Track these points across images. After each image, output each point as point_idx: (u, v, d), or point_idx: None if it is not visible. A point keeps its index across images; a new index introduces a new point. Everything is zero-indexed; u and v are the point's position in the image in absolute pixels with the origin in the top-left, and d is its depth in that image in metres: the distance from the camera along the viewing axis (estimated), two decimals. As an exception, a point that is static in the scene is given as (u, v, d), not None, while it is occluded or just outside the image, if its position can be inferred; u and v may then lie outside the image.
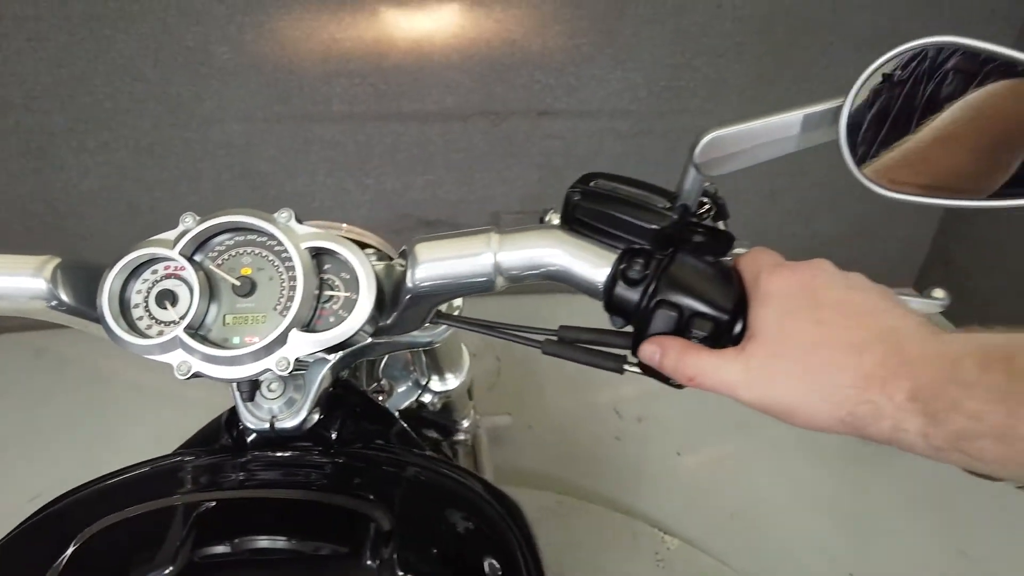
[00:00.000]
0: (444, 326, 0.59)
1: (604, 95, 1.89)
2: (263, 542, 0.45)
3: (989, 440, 0.30)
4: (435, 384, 0.82)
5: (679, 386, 0.44)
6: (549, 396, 1.96)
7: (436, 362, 0.76)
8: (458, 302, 0.60)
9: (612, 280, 0.44)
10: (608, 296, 0.44)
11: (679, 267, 0.42)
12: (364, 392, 0.64)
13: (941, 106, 0.47)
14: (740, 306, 0.40)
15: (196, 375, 0.47)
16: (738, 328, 0.40)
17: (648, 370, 0.44)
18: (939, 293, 0.48)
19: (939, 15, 1.85)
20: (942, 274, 2.30)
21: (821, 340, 0.36)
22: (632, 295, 0.43)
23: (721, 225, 0.50)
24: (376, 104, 1.86)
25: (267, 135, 1.88)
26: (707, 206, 0.49)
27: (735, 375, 0.38)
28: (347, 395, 0.62)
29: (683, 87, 1.89)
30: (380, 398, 0.78)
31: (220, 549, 0.45)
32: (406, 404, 0.80)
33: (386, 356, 0.74)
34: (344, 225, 0.73)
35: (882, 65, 0.40)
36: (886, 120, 0.49)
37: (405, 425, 0.68)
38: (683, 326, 0.41)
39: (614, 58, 1.83)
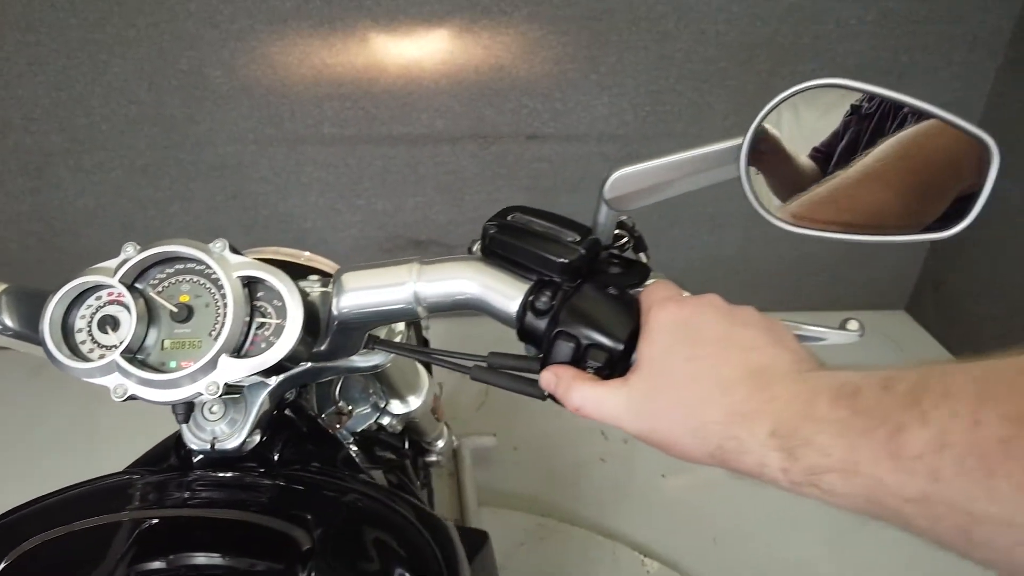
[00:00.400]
0: (386, 352, 0.61)
1: (590, 120, 1.92)
2: (193, 559, 0.47)
3: (836, 474, 0.31)
4: (395, 406, 0.83)
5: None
6: (537, 417, 1.97)
7: (391, 385, 0.77)
8: (400, 327, 0.62)
9: (523, 310, 0.46)
10: (520, 325, 0.46)
11: (581, 299, 0.44)
12: (313, 416, 0.66)
13: (870, 145, 0.49)
14: (635, 338, 0.42)
15: (132, 397, 0.49)
16: (634, 359, 0.42)
17: (555, 398, 0.45)
18: (853, 325, 0.49)
19: (921, 45, 1.88)
20: (933, 298, 2.30)
21: (696, 375, 0.38)
22: (540, 325, 0.44)
23: (643, 257, 0.52)
24: (367, 127, 1.90)
25: (259, 157, 1.92)
26: (625, 239, 0.51)
27: (618, 407, 0.40)
28: (295, 418, 0.64)
29: (668, 111, 1.92)
30: (341, 420, 0.79)
31: (148, 566, 0.46)
32: (365, 426, 0.81)
33: (341, 380, 0.76)
34: (306, 253, 0.76)
35: (773, 108, 0.42)
36: (814, 159, 0.50)
37: (353, 450, 0.69)
38: (580, 356, 0.42)
39: (599, 84, 1.86)
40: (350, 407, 0.81)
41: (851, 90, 0.41)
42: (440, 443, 1.21)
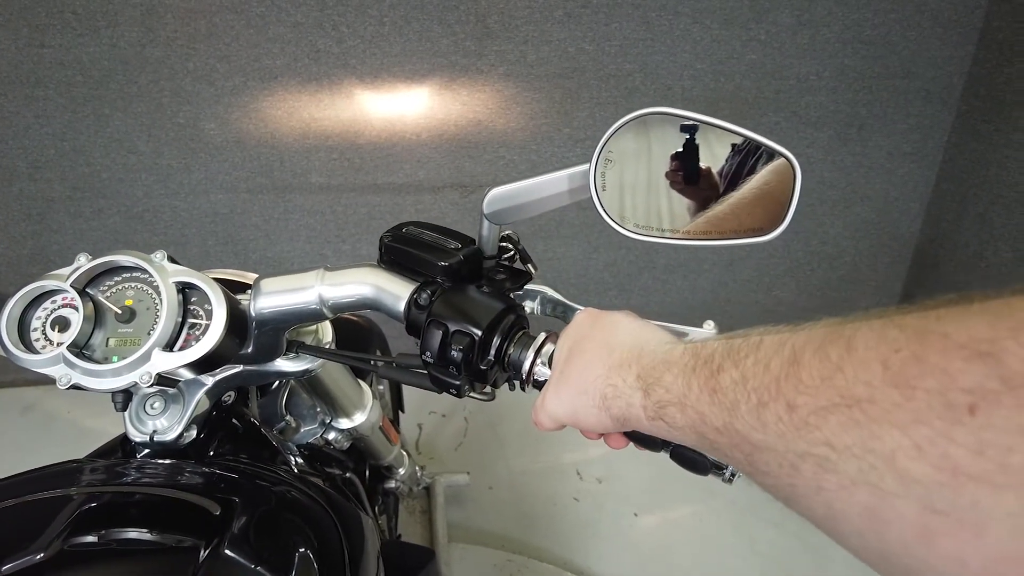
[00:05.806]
0: (312, 357, 0.67)
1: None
2: (121, 531, 0.53)
3: (675, 407, 0.38)
4: (341, 423, 0.89)
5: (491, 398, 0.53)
6: (513, 457, 2.01)
7: (331, 398, 0.83)
8: (326, 338, 0.69)
9: (408, 307, 0.52)
10: (406, 320, 0.53)
11: (452, 294, 0.51)
12: (252, 422, 0.72)
13: (746, 176, 0.57)
14: (495, 327, 0.49)
15: (75, 386, 0.56)
16: (496, 343, 0.48)
17: (441, 383, 0.51)
18: (709, 324, 0.56)
19: (878, 99, 1.98)
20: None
21: (587, 350, 0.46)
22: (421, 318, 0.51)
23: (531, 267, 0.59)
24: (353, 177, 2.01)
25: (250, 204, 2.02)
26: (512, 251, 0.58)
27: (547, 397, 0.47)
28: (237, 423, 0.70)
29: (638, 162, 2.01)
30: (287, 432, 0.85)
31: (82, 537, 0.52)
32: (311, 440, 0.87)
33: (286, 393, 0.82)
34: (254, 275, 0.83)
35: (610, 136, 0.50)
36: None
37: (298, 460, 0.75)
38: (447, 342, 0.49)
39: (572, 137, 1.97)
40: (297, 421, 0.87)
41: (677, 117, 0.49)
42: (401, 471, 1.26)
